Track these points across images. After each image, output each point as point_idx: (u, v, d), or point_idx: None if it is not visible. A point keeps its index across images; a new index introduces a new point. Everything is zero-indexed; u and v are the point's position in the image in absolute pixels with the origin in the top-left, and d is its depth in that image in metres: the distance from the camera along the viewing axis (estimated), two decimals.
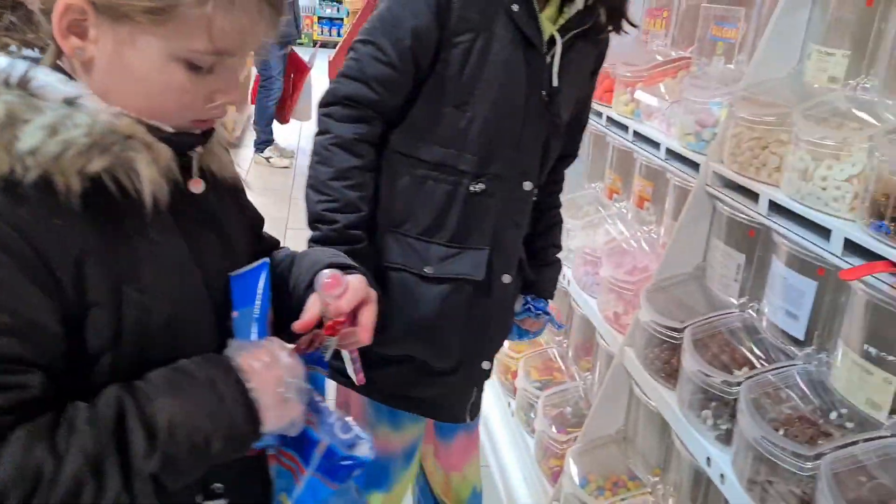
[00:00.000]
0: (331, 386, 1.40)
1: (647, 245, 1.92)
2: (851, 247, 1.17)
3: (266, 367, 0.80)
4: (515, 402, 2.38)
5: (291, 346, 0.86)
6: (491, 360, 1.51)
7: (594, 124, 2.27)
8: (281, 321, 0.90)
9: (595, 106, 2.24)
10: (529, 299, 1.60)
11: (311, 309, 0.87)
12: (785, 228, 1.33)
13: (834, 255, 1.20)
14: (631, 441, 1.88)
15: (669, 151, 1.78)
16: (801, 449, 1.14)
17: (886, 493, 1.08)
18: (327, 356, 0.89)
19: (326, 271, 0.89)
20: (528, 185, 1.43)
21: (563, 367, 2.35)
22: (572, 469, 1.85)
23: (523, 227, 1.48)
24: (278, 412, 0.80)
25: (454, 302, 1.39)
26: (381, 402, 1.48)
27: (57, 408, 0.71)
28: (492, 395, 2.66)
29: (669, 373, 1.57)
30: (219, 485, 0.86)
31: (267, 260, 0.89)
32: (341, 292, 0.87)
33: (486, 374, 1.53)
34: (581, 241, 2.09)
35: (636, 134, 1.96)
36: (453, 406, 1.51)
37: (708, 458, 1.37)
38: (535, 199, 1.48)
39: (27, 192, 0.70)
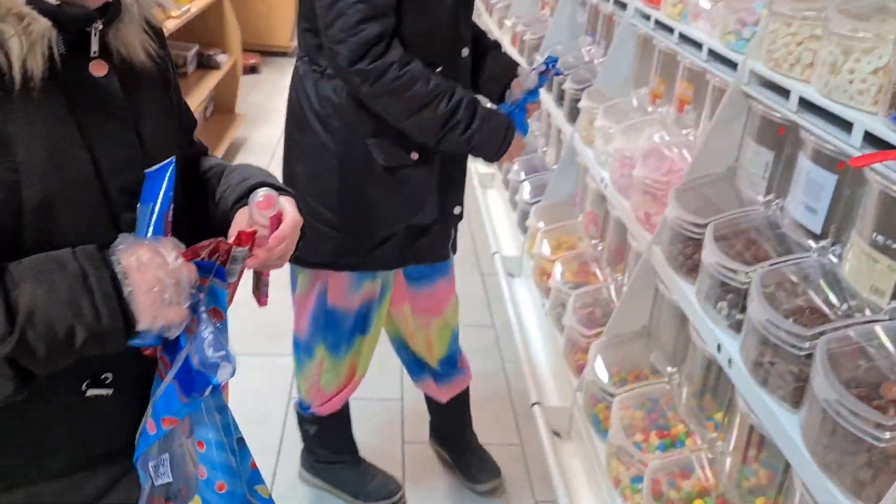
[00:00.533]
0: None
1: (685, 147, 1.94)
2: (871, 139, 1.19)
3: (148, 267, 0.78)
4: (549, 301, 2.46)
5: (184, 248, 0.83)
6: (461, 205, 1.86)
7: (642, 27, 2.26)
8: (199, 229, 0.91)
9: (643, 8, 2.23)
10: (543, 66, 1.86)
11: (240, 225, 0.88)
12: (812, 124, 1.34)
13: (854, 147, 1.22)
14: (654, 337, 1.95)
15: (711, 52, 1.78)
16: (799, 329, 1.19)
17: (880, 376, 1.13)
18: (235, 270, 0.88)
19: (261, 190, 0.87)
20: (465, 52, 1.73)
21: (597, 272, 2.41)
22: (595, 360, 1.94)
23: (468, 88, 1.78)
24: (153, 313, 0.78)
25: (433, 170, 1.73)
26: (391, 270, 1.83)
27: None
28: (528, 297, 2.75)
29: (691, 268, 1.62)
30: (108, 374, 0.87)
31: (173, 158, 0.87)
32: (273, 213, 0.87)
33: (460, 217, 1.87)
34: (620, 143, 2.11)
35: (681, 36, 1.96)
36: (443, 247, 1.87)
37: (719, 345, 1.43)
38: None
39: None
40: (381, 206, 1.71)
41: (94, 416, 0.89)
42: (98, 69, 0.84)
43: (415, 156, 1.68)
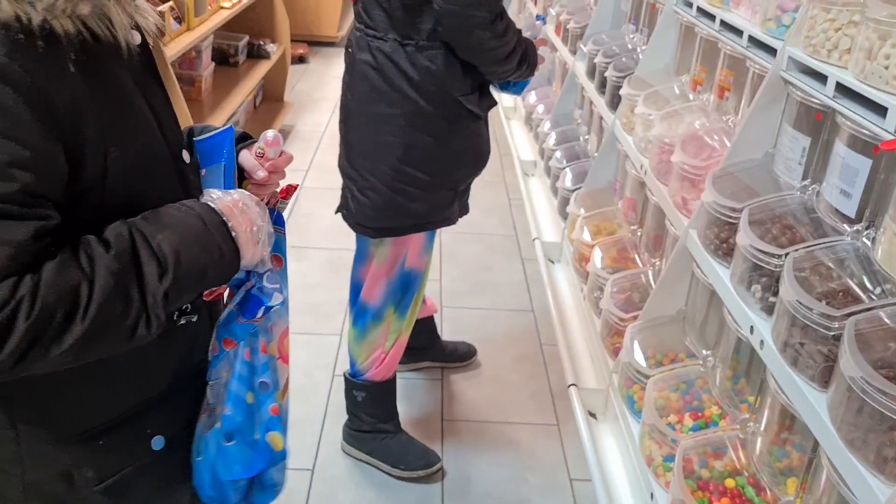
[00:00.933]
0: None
1: (724, 134, 1.95)
2: None
3: (243, 211, 0.93)
4: (587, 286, 2.49)
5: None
6: None
7: (684, 15, 2.27)
8: None
9: None
10: (539, 19, 2.12)
11: (246, 161, 1.04)
12: (848, 109, 1.36)
13: (888, 132, 1.23)
14: (690, 321, 1.97)
15: (751, 39, 1.79)
16: (829, 310, 1.21)
17: None
18: (286, 215, 1.06)
19: (270, 131, 1.04)
20: None
21: (636, 258, 2.43)
22: (632, 343, 1.97)
23: None
24: (252, 250, 0.93)
25: (487, 126, 2.02)
26: (453, 224, 2.08)
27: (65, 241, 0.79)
28: (567, 282, 2.79)
29: (726, 251, 1.64)
30: (187, 305, 0.97)
31: (232, 126, 1.03)
32: (281, 150, 1.05)
33: None
34: (660, 130, 2.13)
35: (722, 23, 1.97)
36: None
37: (752, 327, 1.46)
38: None
39: (31, 39, 0.76)
40: (463, 160, 1.96)
41: (180, 342, 1.00)
42: (134, 38, 0.91)
43: (481, 112, 1.96)
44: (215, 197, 0.94)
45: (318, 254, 3.16)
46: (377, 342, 2.07)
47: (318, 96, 5.55)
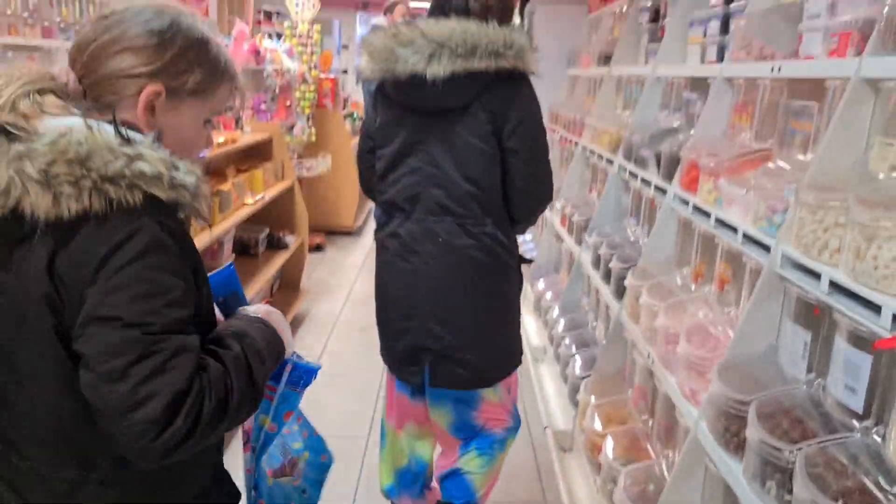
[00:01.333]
0: None
1: (727, 325, 1.99)
2: None
3: (274, 315, 1.27)
4: (600, 477, 2.42)
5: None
6: None
7: (681, 213, 2.39)
8: None
9: (682, 194, 2.37)
10: None
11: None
12: (843, 306, 1.40)
13: (884, 329, 1.27)
14: None
15: (745, 236, 1.88)
16: None
17: None
18: None
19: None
20: None
21: (648, 448, 2.39)
22: None
23: None
24: (286, 344, 1.26)
25: None
26: None
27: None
28: (580, 472, 2.71)
29: (738, 445, 1.62)
30: None
31: (232, 262, 1.38)
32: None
33: None
34: (664, 320, 2.17)
35: (717, 220, 2.07)
36: None
37: None
38: None
39: (181, 212, 1.09)
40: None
41: None
42: None
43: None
44: (252, 311, 1.27)
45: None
46: (497, 468, 2.33)
47: (333, 283, 5.71)
